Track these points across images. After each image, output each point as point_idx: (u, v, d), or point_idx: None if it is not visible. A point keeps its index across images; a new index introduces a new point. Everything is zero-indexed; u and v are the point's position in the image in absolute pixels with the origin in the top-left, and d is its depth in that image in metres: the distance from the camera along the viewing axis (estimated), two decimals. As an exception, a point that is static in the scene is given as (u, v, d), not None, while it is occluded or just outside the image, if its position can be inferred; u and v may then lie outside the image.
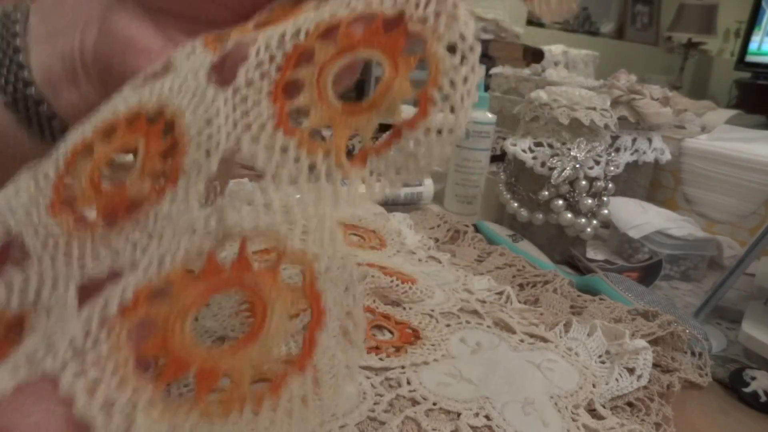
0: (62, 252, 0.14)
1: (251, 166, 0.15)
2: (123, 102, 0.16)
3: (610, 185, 0.47)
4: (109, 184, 0.16)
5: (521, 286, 0.39)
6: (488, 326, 0.32)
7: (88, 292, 0.14)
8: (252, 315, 0.12)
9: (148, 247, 0.14)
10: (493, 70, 0.88)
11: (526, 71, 0.85)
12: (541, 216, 0.47)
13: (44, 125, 0.22)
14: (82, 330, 0.12)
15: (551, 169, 0.46)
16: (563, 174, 0.45)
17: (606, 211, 0.48)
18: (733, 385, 0.32)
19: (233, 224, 0.13)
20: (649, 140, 0.63)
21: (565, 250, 0.49)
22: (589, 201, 0.46)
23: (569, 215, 0.46)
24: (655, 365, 0.30)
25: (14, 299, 0.14)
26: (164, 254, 0.13)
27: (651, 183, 0.66)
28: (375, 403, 0.25)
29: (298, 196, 0.14)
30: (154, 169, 0.15)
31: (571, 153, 0.46)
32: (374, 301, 0.33)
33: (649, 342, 0.31)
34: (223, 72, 0.17)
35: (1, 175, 0.20)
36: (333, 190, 0.14)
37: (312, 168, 0.14)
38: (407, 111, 0.14)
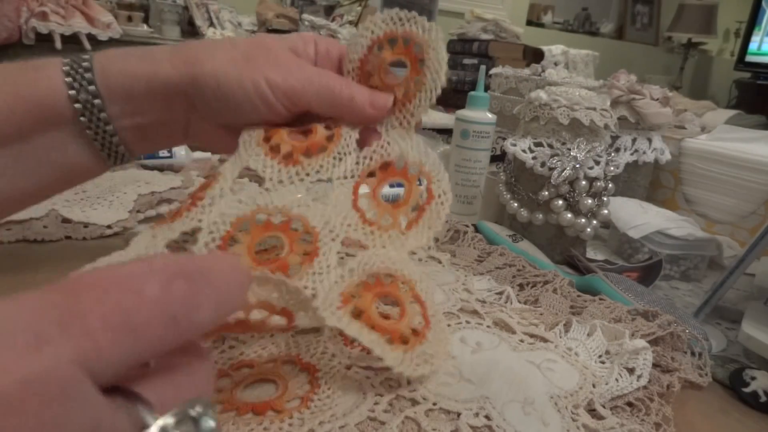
0: None
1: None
2: (253, 202, 0.28)
3: (610, 185, 0.47)
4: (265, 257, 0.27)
5: (521, 286, 0.39)
6: (488, 326, 0.32)
7: None
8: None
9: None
10: (493, 70, 0.88)
11: (526, 71, 0.84)
12: (541, 216, 0.47)
13: (113, 151, 0.31)
14: None
15: (551, 169, 0.46)
16: (563, 174, 0.45)
17: (606, 211, 0.48)
18: (733, 385, 0.32)
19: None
20: (649, 140, 0.63)
21: (565, 250, 0.49)
22: (589, 201, 0.46)
23: (569, 215, 0.46)
24: (655, 365, 0.30)
25: None
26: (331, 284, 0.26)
27: (651, 183, 0.66)
28: (375, 403, 0.25)
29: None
30: (299, 250, 0.27)
31: (571, 153, 0.46)
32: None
33: (649, 342, 0.31)
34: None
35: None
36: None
37: None
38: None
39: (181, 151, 0.62)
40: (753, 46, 2.92)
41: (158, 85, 0.29)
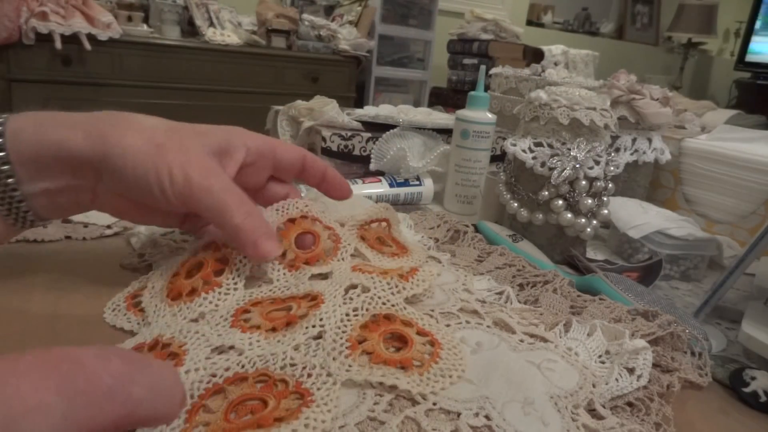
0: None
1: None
2: (294, 288, 0.33)
3: (610, 185, 0.47)
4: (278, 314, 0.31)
5: (521, 286, 0.39)
6: (488, 326, 0.32)
7: None
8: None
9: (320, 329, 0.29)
10: (493, 70, 0.88)
11: (526, 71, 0.84)
12: (541, 216, 0.47)
13: (20, 216, 0.30)
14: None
15: (551, 169, 0.46)
16: (563, 174, 0.45)
17: (606, 211, 0.48)
18: (733, 385, 0.32)
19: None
20: (649, 140, 0.63)
21: (565, 250, 0.49)
22: (589, 201, 0.46)
23: (569, 215, 0.46)
24: (655, 365, 0.30)
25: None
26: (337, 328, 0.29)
27: (651, 183, 0.66)
28: (375, 403, 0.25)
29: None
30: (306, 306, 0.31)
31: (571, 153, 0.46)
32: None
33: (649, 342, 0.31)
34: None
35: None
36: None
37: None
38: None
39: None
40: (753, 46, 2.92)
41: (67, 154, 0.29)
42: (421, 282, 0.35)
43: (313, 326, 0.29)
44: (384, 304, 0.31)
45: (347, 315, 0.30)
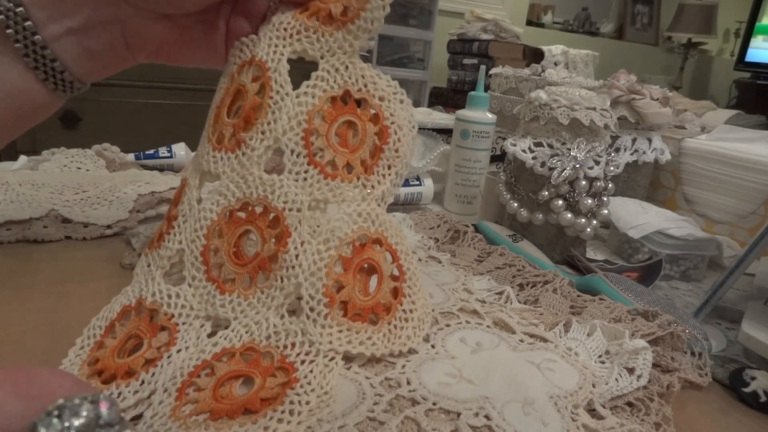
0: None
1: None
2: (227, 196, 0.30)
3: (610, 185, 0.47)
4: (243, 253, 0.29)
5: (521, 286, 0.39)
6: (488, 326, 0.32)
7: None
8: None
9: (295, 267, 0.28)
10: (493, 70, 0.88)
11: (526, 71, 0.84)
12: (541, 216, 0.47)
13: (57, 78, 0.28)
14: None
15: (551, 169, 0.46)
16: (563, 174, 0.45)
17: (606, 211, 0.48)
18: (733, 385, 0.32)
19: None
20: (649, 140, 0.63)
21: (565, 250, 0.49)
22: (589, 201, 0.46)
23: (569, 215, 0.46)
24: (655, 365, 0.30)
25: None
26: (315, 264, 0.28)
27: (651, 183, 0.66)
28: (375, 403, 0.25)
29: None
30: (270, 235, 0.29)
31: (571, 153, 0.46)
32: None
33: (649, 342, 0.31)
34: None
35: (19, 128, 0.28)
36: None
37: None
38: None
39: (180, 151, 0.62)
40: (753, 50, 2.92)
41: None
42: (387, 169, 0.31)
43: (288, 278, 0.28)
44: (355, 222, 0.29)
45: (319, 252, 0.28)
